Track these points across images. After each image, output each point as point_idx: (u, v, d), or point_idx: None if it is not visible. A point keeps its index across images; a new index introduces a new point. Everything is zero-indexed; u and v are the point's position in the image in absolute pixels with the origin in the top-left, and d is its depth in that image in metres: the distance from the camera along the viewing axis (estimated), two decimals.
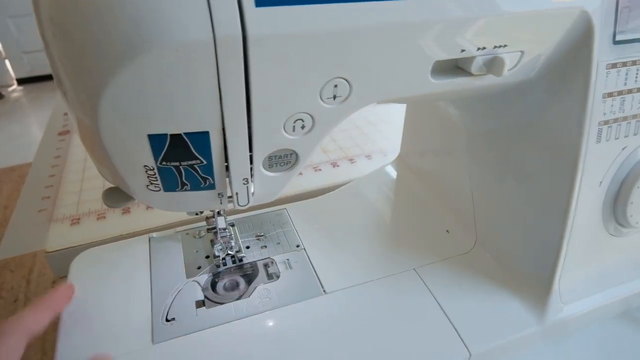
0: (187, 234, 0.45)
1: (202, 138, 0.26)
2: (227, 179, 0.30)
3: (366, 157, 0.67)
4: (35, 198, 0.61)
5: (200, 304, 0.37)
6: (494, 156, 0.40)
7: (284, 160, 0.30)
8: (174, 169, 0.27)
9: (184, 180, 0.28)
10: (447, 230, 0.46)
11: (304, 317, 0.37)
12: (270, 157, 0.29)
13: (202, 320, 0.36)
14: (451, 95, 0.38)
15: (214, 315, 0.36)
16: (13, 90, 2.80)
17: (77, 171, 0.66)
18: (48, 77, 2.65)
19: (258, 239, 0.45)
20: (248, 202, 0.31)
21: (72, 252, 0.44)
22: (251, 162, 0.29)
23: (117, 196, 0.31)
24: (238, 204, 0.31)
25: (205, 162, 0.27)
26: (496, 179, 0.41)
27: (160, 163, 0.27)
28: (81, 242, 0.50)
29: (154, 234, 0.45)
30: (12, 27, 2.61)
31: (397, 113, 0.79)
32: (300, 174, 0.61)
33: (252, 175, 0.30)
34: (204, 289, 0.39)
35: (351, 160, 0.67)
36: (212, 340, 0.34)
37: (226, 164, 0.28)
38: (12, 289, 0.51)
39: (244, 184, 0.29)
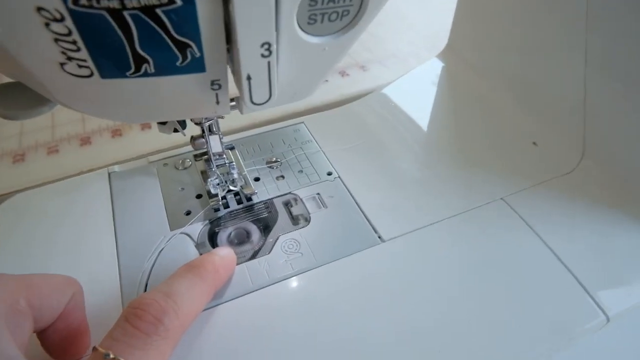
0: (166, 164, 0.31)
1: None
2: (227, 51, 0.15)
3: (380, 63, 0.53)
4: None
5: None
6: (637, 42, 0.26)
7: (337, 6, 0.15)
8: (112, 20, 0.12)
9: (139, 49, 0.14)
10: (534, 142, 0.33)
11: (357, 277, 0.24)
12: (311, 1, 0.14)
13: None
14: None
15: None
16: None
17: None
18: None
19: (271, 167, 0.31)
20: (270, 96, 0.16)
21: None
22: (277, 13, 0.14)
23: (18, 97, 0.17)
24: (251, 101, 0.16)
25: (180, 3, 0.13)
26: (635, 77, 0.27)
27: (76, 2, 0.12)
28: (29, 184, 0.37)
29: (116, 167, 0.31)
30: None
31: (411, 6, 0.63)
32: None
33: (277, 42, 0.15)
34: (198, 245, 0.26)
35: (363, 68, 0.53)
36: (216, 325, 0.22)
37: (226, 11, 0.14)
38: None
39: (265, 55, 0.15)
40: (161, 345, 0.17)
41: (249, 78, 0.15)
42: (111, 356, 0.15)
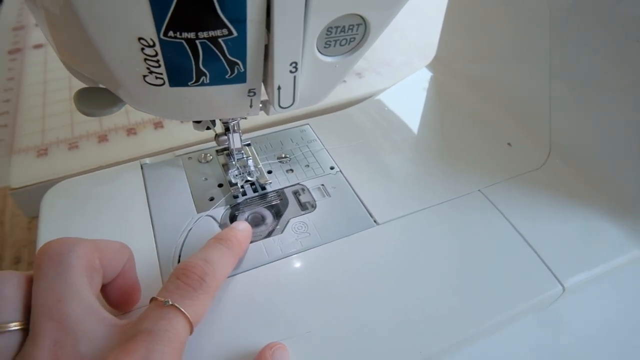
0: (190, 158, 0.35)
1: None
2: (264, 67, 0.20)
3: (374, 71, 0.58)
4: None
5: None
6: (595, 52, 0.31)
7: (347, 35, 0.20)
8: (187, 46, 0.17)
9: (202, 66, 0.18)
10: (509, 143, 0.38)
11: (356, 254, 0.29)
12: (329, 30, 0.19)
13: None
14: None
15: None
16: None
17: (37, 94, 0.55)
18: None
19: (281, 162, 0.35)
20: (293, 101, 0.21)
21: (43, 189, 0.34)
22: (303, 41, 0.19)
23: (96, 98, 0.21)
24: (279, 104, 0.21)
25: (235, 35, 0.17)
26: (593, 82, 0.32)
27: (166, 34, 0.16)
28: (52, 176, 0.41)
29: (147, 160, 0.35)
30: None
31: (404, 19, 0.68)
32: None
33: (301, 61, 0.20)
34: (221, 225, 0.30)
35: (359, 75, 0.57)
36: (241, 290, 0.26)
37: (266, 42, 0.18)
38: None
39: (292, 71, 0.20)
40: (204, 298, 0.21)
41: (279, 88, 0.20)
42: (170, 302, 0.20)
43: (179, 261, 0.28)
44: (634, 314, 0.32)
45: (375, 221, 0.31)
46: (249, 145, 0.35)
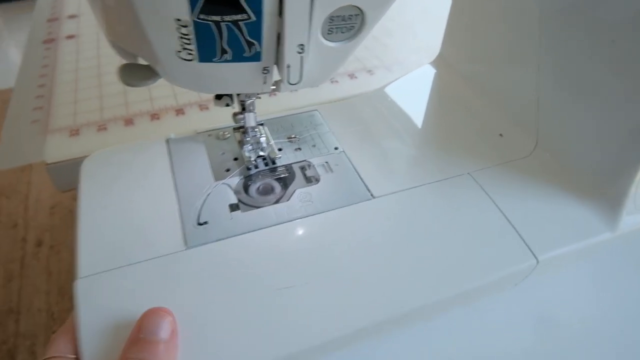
0: (210, 135, 0.40)
1: None
2: (276, 49, 0.24)
3: (386, 68, 0.61)
4: (26, 109, 0.55)
5: (234, 207, 0.33)
6: (579, 54, 0.34)
7: (347, 24, 0.24)
8: (214, 27, 0.21)
9: (225, 45, 0.22)
10: (501, 134, 0.41)
11: (353, 222, 0.33)
12: (331, 18, 0.23)
13: (238, 224, 0.32)
14: None
15: (251, 219, 0.32)
16: None
17: (69, 81, 0.60)
18: None
19: (290, 141, 0.39)
20: (300, 79, 0.25)
21: (74, 164, 0.38)
22: (309, 27, 0.23)
23: (136, 72, 0.25)
24: (288, 81, 0.25)
25: (254, 19, 0.21)
26: (576, 82, 0.35)
27: (198, 16, 0.21)
28: (83, 154, 0.45)
29: (172, 135, 0.40)
30: None
31: (418, 21, 0.71)
32: None
33: (308, 44, 0.24)
34: (236, 192, 0.34)
35: (370, 72, 0.61)
36: (252, 245, 0.31)
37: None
38: (10, 214, 0.47)
39: (299, 52, 0.23)
40: None
41: (288, 66, 0.24)
42: None
43: (198, 219, 0.32)
44: (604, 288, 0.35)
45: (372, 195, 0.35)
46: (262, 124, 0.39)
